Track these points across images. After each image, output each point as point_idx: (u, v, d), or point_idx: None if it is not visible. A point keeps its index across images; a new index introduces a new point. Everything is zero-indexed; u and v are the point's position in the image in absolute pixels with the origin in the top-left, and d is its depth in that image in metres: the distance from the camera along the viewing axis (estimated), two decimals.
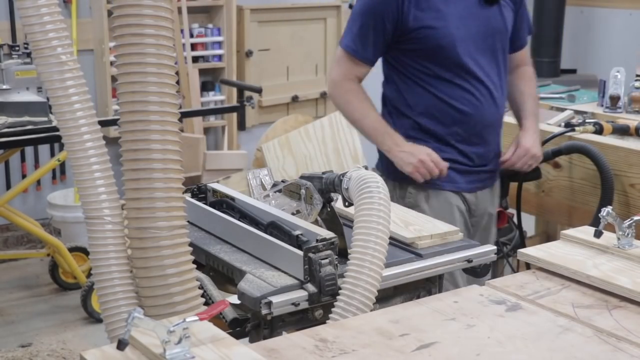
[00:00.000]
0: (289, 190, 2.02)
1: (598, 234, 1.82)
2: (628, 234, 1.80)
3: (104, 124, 2.24)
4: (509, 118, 2.90)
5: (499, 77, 2.62)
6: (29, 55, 3.91)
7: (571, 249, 1.83)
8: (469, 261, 1.97)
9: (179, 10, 5.12)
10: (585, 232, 1.88)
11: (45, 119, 3.79)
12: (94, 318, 4.00)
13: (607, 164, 2.82)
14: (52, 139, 3.90)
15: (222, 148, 5.45)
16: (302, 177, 2.01)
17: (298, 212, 2.04)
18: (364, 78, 2.62)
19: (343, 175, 1.87)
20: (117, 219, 1.76)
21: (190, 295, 1.73)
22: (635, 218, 1.81)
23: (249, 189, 2.12)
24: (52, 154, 4.88)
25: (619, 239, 1.80)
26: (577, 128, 3.03)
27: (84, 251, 4.22)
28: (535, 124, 2.75)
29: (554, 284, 1.70)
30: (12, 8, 4.70)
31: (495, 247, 2.02)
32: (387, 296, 1.88)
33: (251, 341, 1.78)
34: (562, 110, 3.43)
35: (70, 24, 4.79)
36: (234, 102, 5.17)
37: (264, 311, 1.70)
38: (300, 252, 1.76)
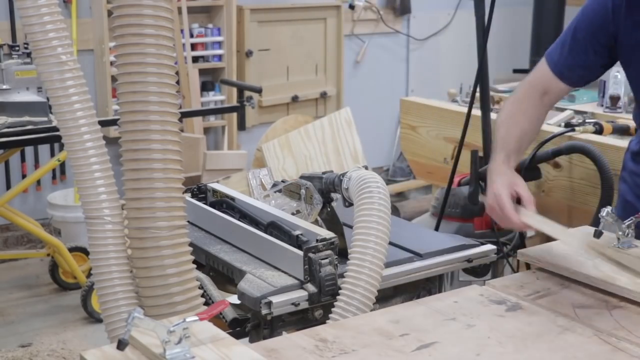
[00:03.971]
0: (289, 190, 2.02)
1: (598, 234, 1.81)
2: (628, 234, 1.80)
3: (104, 124, 2.23)
4: None
5: None
6: (29, 55, 3.91)
7: (571, 249, 1.83)
8: (469, 261, 1.97)
9: (179, 10, 5.12)
10: (585, 232, 1.88)
11: (45, 119, 3.79)
12: (94, 318, 4.00)
13: (607, 164, 2.82)
14: (52, 139, 3.90)
15: (222, 148, 5.44)
16: (302, 177, 2.01)
17: (298, 212, 2.04)
18: None
19: (343, 175, 1.87)
20: (117, 219, 1.76)
21: (190, 295, 1.73)
22: (635, 217, 1.81)
23: (249, 189, 2.12)
24: (52, 154, 4.88)
25: (618, 239, 1.80)
26: (577, 128, 3.03)
27: (84, 251, 4.22)
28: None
29: (554, 284, 1.70)
30: (12, 8, 4.70)
31: (495, 247, 2.02)
32: (387, 296, 1.88)
33: (251, 341, 1.78)
34: (562, 110, 3.43)
35: (70, 24, 4.79)
36: (234, 102, 5.16)
37: (264, 311, 1.70)
38: (300, 252, 1.76)
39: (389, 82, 6.27)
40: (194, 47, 5.31)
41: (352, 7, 5.91)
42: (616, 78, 3.29)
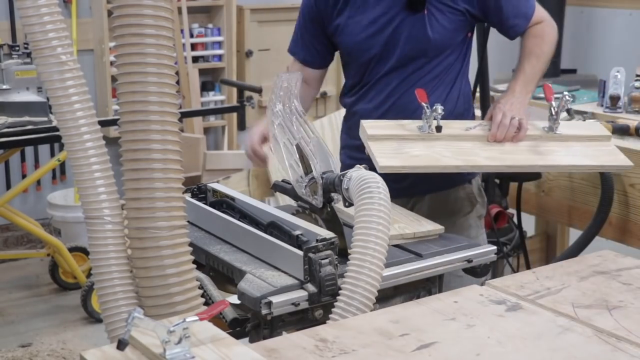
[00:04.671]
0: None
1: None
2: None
3: (104, 124, 2.24)
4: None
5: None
6: (29, 55, 3.91)
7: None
8: (469, 261, 1.97)
9: (179, 10, 5.13)
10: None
11: (45, 119, 3.80)
12: (94, 318, 4.00)
13: None
14: (52, 139, 3.90)
15: (222, 148, 5.45)
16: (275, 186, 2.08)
17: (298, 212, 2.04)
18: None
19: (343, 175, 1.87)
20: (117, 219, 1.76)
21: (190, 295, 1.73)
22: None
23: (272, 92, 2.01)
24: (52, 154, 4.88)
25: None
26: None
27: (84, 251, 4.22)
28: (519, 84, 2.37)
29: (554, 284, 1.70)
30: (12, 8, 4.70)
31: (495, 247, 2.02)
32: (387, 296, 1.88)
33: (251, 341, 1.78)
34: None
35: (70, 24, 4.79)
36: (234, 102, 5.16)
37: (264, 311, 1.70)
38: (300, 252, 1.76)
39: None
40: (194, 47, 5.31)
41: None
42: (616, 78, 3.29)
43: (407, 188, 2.41)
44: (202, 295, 1.78)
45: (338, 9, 2.43)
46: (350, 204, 1.86)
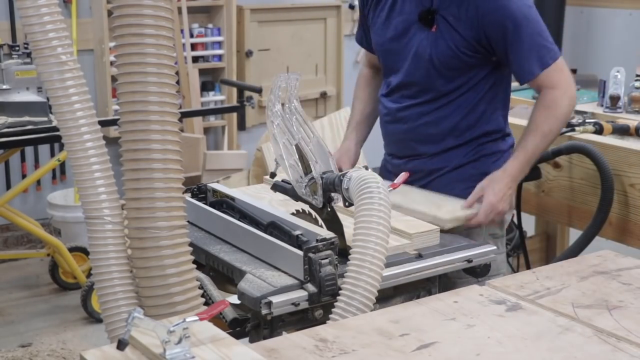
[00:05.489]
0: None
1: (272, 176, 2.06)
2: None
3: (104, 124, 2.23)
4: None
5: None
6: (29, 55, 3.91)
7: None
8: (469, 261, 1.97)
9: (179, 10, 5.12)
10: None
11: (45, 119, 3.79)
12: (94, 318, 4.00)
13: (607, 164, 2.82)
14: (52, 139, 3.90)
15: (222, 148, 5.44)
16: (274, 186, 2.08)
17: (298, 212, 2.04)
18: None
19: (343, 175, 1.87)
20: (117, 219, 1.76)
21: (190, 295, 1.73)
22: None
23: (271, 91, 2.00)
24: (52, 154, 4.88)
25: None
26: (577, 128, 3.03)
27: (84, 251, 4.22)
28: (517, 167, 2.29)
29: (554, 284, 1.70)
30: (12, 8, 4.70)
31: (495, 247, 2.02)
32: (387, 296, 1.88)
33: (251, 341, 1.78)
34: None
35: (70, 24, 4.79)
36: (234, 102, 5.16)
37: (264, 311, 1.70)
38: (300, 252, 1.76)
39: None
40: (194, 47, 5.31)
41: (352, 7, 5.91)
42: (616, 78, 3.29)
43: None
44: (202, 295, 1.78)
45: (373, 3, 2.45)
46: (350, 204, 1.86)
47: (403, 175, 2.06)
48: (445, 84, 2.35)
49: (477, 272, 2.00)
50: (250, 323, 1.80)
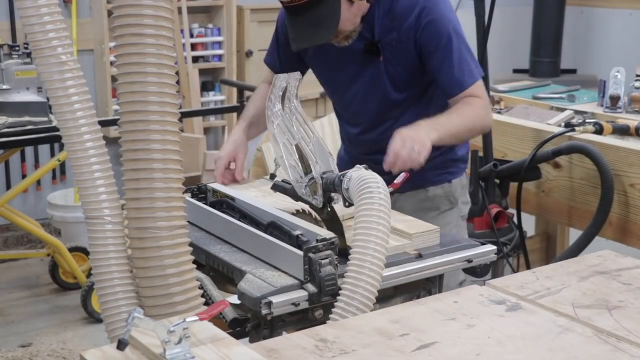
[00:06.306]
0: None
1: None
2: None
3: (104, 124, 2.23)
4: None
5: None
6: (29, 55, 3.91)
7: None
8: (469, 261, 1.97)
9: (179, 10, 5.12)
10: None
11: (45, 119, 3.79)
12: (94, 318, 4.00)
13: (607, 164, 2.82)
14: (52, 139, 3.90)
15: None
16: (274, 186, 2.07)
17: (298, 212, 2.04)
18: None
19: (343, 175, 1.87)
20: (117, 219, 1.76)
21: (190, 295, 1.73)
22: None
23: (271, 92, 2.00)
24: (52, 154, 4.88)
25: None
26: (577, 128, 3.04)
27: (84, 251, 4.22)
28: (427, 122, 2.25)
29: (554, 284, 1.70)
30: (12, 8, 4.70)
31: (495, 247, 2.02)
32: (387, 296, 1.88)
33: (251, 341, 1.78)
34: (562, 110, 3.43)
35: (70, 24, 4.79)
36: (234, 102, 5.17)
37: (264, 311, 1.70)
38: (300, 252, 1.76)
39: None
40: (194, 47, 5.31)
41: None
42: (616, 78, 3.29)
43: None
44: (202, 295, 1.78)
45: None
46: (350, 204, 1.86)
47: (403, 176, 2.06)
48: (399, 99, 2.45)
49: (477, 272, 2.00)
50: (250, 323, 1.80)
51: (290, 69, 2.44)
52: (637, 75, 3.30)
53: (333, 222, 1.94)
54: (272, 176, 2.21)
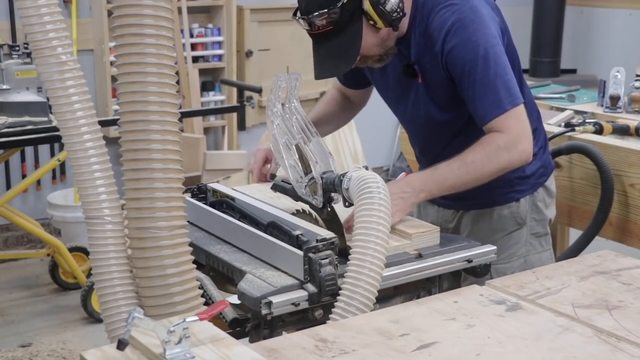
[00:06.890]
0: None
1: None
2: None
3: (104, 124, 2.23)
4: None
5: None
6: (29, 55, 3.91)
7: None
8: (469, 261, 1.97)
9: (179, 10, 5.12)
10: None
11: (45, 119, 3.80)
12: (94, 318, 4.00)
13: (607, 164, 2.82)
14: (52, 139, 3.90)
15: (222, 148, 5.44)
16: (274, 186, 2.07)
17: (298, 211, 2.04)
18: None
19: (343, 175, 1.87)
20: (117, 219, 1.76)
21: (190, 295, 1.73)
22: None
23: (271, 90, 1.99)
24: (52, 154, 4.88)
25: None
26: (577, 128, 3.03)
27: (84, 251, 4.23)
28: (418, 177, 2.12)
29: (554, 284, 1.70)
30: (12, 8, 4.70)
31: (495, 247, 2.02)
32: (387, 296, 1.88)
33: (251, 341, 1.78)
34: (562, 110, 3.43)
35: (70, 24, 4.79)
36: (234, 102, 5.16)
37: (264, 311, 1.70)
38: (300, 252, 1.76)
39: None
40: (194, 47, 5.31)
41: None
42: (616, 78, 3.29)
43: (454, 201, 2.36)
44: (202, 295, 1.78)
45: None
46: (350, 204, 1.86)
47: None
48: (445, 119, 2.27)
49: (477, 272, 1.99)
50: (250, 323, 1.80)
51: (354, 78, 2.50)
52: (637, 75, 3.30)
53: (333, 222, 1.94)
54: (272, 176, 2.21)
